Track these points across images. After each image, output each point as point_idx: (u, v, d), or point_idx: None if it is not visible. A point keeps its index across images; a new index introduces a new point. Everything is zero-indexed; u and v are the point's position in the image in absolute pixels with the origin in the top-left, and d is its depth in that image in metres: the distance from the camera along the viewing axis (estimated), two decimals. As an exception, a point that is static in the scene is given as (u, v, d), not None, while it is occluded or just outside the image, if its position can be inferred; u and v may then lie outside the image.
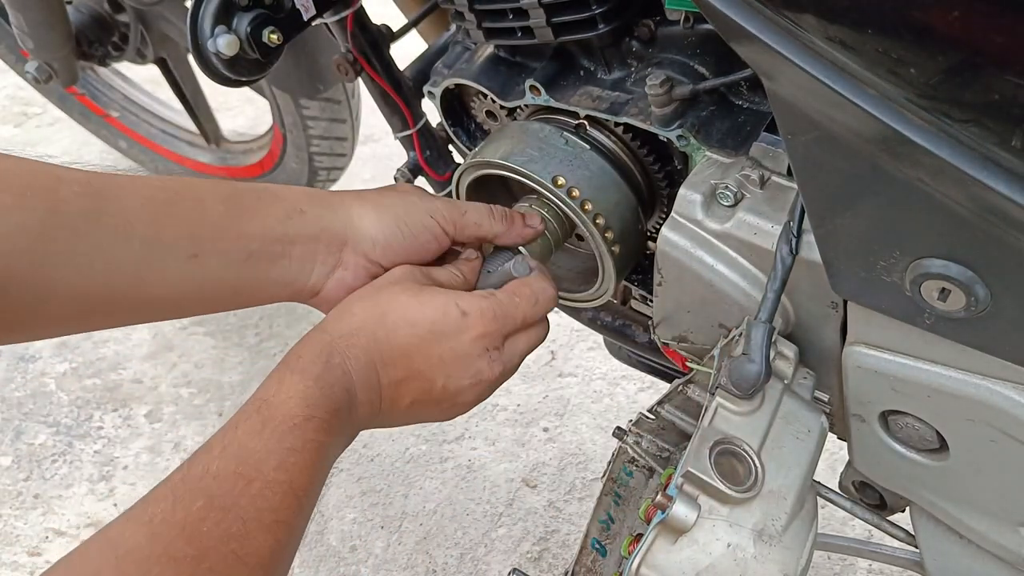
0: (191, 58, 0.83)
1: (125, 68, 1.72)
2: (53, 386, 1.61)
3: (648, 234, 0.81)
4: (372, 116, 1.28)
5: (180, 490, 0.47)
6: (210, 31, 0.70)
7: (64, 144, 2.07)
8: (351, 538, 1.32)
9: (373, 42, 0.90)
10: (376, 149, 2.00)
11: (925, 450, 0.62)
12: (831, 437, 0.67)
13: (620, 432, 0.73)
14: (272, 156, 1.64)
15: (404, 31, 0.95)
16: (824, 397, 0.69)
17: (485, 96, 0.81)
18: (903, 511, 0.75)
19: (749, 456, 0.55)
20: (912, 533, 0.73)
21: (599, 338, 1.04)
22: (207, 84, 1.52)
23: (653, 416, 0.72)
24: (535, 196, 0.75)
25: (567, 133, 0.73)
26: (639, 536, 0.57)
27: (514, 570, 0.75)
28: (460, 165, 0.80)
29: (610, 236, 0.72)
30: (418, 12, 0.95)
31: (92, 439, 1.52)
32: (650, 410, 0.72)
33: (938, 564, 0.72)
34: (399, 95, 0.92)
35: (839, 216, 0.50)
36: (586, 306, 0.85)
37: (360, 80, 0.93)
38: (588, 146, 0.73)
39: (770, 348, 0.56)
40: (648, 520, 0.56)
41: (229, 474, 0.48)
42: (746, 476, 0.54)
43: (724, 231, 0.62)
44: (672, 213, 0.65)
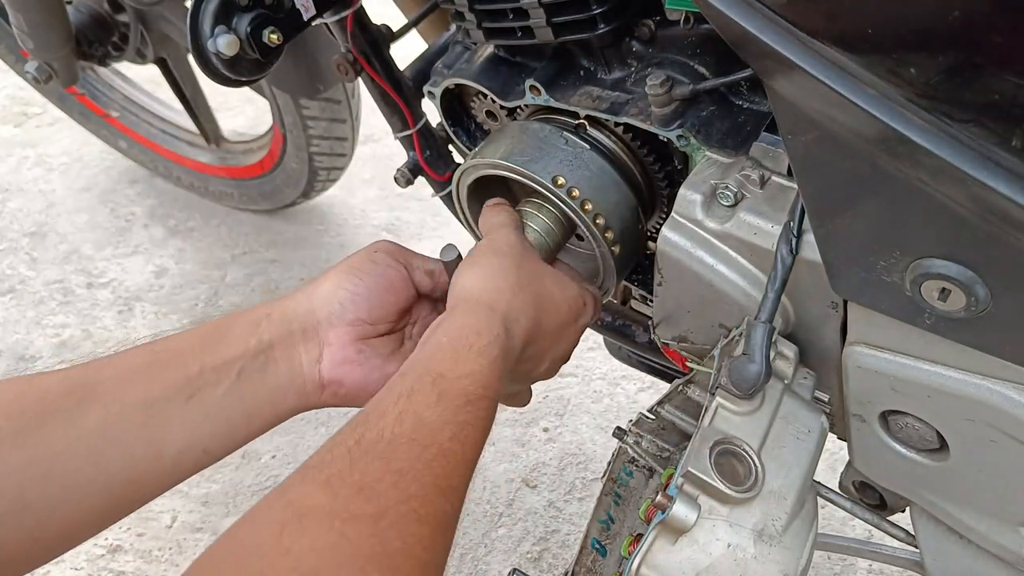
0: (191, 58, 0.83)
1: (125, 68, 1.72)
2: (53, 386, 1.61)
3: (648, 234, 0.81)
4: (372, 116, 1.28)
5: (356, 452, 0.48)
6: (210, 31, 0.70)
7: (64, 144, 2.07)
8: (351, 538, 1.32)
9: (373, 42, 0.90)
10: (376, 149, 2.00)
11: (925, 450, 0.62)
12: (831, 437, 0.67)
13: (620, 432, 0.73)
14: (272, 156, 1.64)
15: (404, 31, 0.95)
16: (824, 397, 0.69)
17: (485, 96, 0.81)
18: (903, 511, 0.75)
19: (749, 456, 0.55)
20: (912, 533, 0.73)
21: (599, 338, 1.04)
22: (207, 84, 1.52)
23: (653, 416, 0.72)
24: (535, 196, 0.75)
25: (567, 133, 0.73)
26: (639, 536, 0.57)
27: (514, 570, 0.75)
28: (460, 165, 0.79)
29: (610, 236, 0.72)
30: (418, 12, 0.95)
31: (92, 439, 1.52)
32: (650, 410, 0.72)
33: (938, 564, 0.72)
34: (399, 95, 0.92)
35: (839, 216, 0.50)
36: (586, 306, 0.85)
37: (360, 80, 0.92)
38: (588, 146, 0.73)
39: (770, 348, 0.56)
40: (648, 520, 0.56)
41: (405, 440, 0.49)
42: (746, 476, 0.54)
43: (724, 231, 0.62)
44: (672, 213, 0.65)
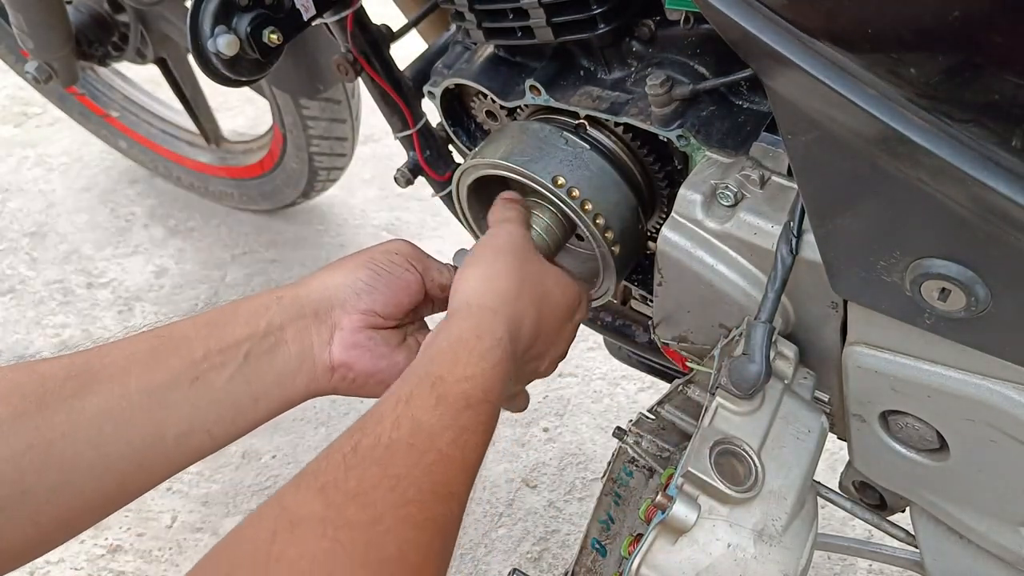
0: (191, 58, 0.83)
1: (125, 68, 1.72)
2: (53, 386, 1.61)
3: (648, 234, 0.81)
4: (372, 116, 1.28)
5: (352, 460, 0.47)
6: (210, 31, 0.70)
7: (64, 144, 2.07)
8: (351, 538, 1.32)
9: (373, 42, 0.90)
10: (376, 149, 2.00)
11: (925, 450, 0.62)
12: (831, 437, 0.67)
13: (620, 432, 0.73)
14: (272, 156, 1.64)
15: (404, 31, 0.95)
16: (824, 397, 0.69)
17: (485, 96, 0.81)
18: (903, 511, 0.75)
19: (749, 456, 0.55)
20: (912, 533, 0.73)
21: (599, 338, 1.04)
22: (207, 84, 1.52)
23: (653, 416, 0.72)
24: (535, 196, 0.75)
25: (567, 133, 0.73)
26: (639, 536, 0.57)
27: (514, 570, 0.75)
28: (460, 165, 0.79)
29: (610, 236, 0.72)
30: (418, 12, 0.95)
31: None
32: (650, 410, 0.72)
33: (938, 564, 0.72)
34: (399, 95, 0.92)
35: (839, 216, 0.50)
36: (586, 306, 0.85)
37: (360, 80, 0.92)
38: (588, 146, 0.73)
39: (770, 348, 0.56)
40: (648, 520, 0.56)
41: (402, 445, 0.48)
42: (746, 476, 0.54)
43: (724, 231, 0.62)
44: (672, 213, 0.65)
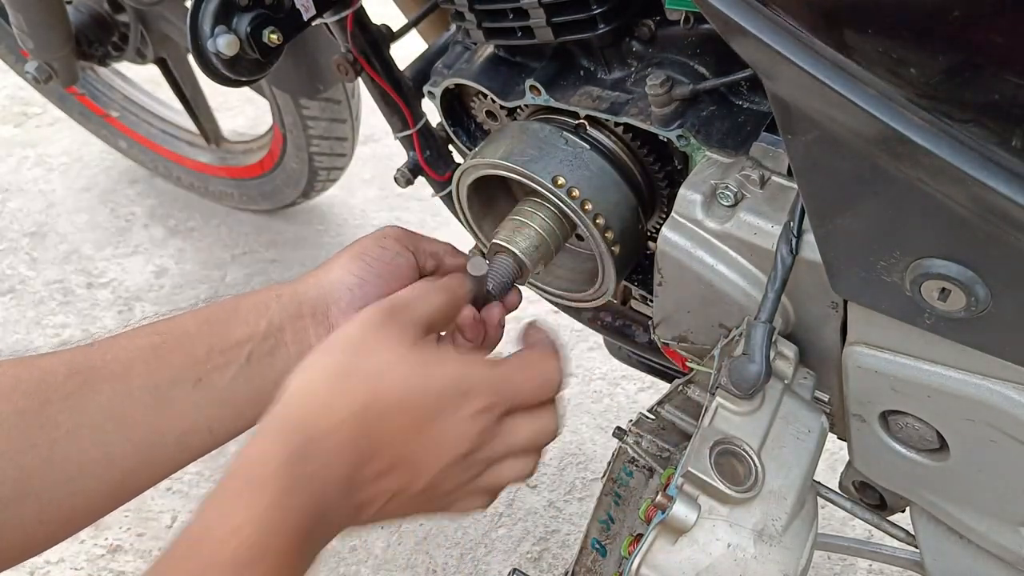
0: (191, 58, 0.83)
1: (125, 68, 1.72)
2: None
3: (648, 234, 0.81)
4: (372, 116, 1.28)
5: None
6: (210, 31, 0.70)
7: (64, 144, 2.07)
8: (351, 538, 1.32)
9: (373, 42, 0.90)
10: (376, 149, 2.00)
11: (925, 450, 0.62)
12: (831, 437, 0.67)
13: (620, 432, 0.73)
14: (272, 156, 1.64)
15: (404, 31, 0.95)
16: (824, 397, 0.69)
17: (485, 96, 0.81)
18: (903, 511, 0.75)
19: (749, 456, 0.55)
20: (912, 533, 0.73)
21: (599, 338, 1.04)
22: (207, 84, 1.52)
23: (653, 416, 0.72)
24: (535, 196, 0.75)
25: (567, 133, 0.73)
26: (639, 536, 0.57)
27: (514, 570, 0.75)
28: (460, 165, 0.79)
29: (610, 236, 0.72)
30: (418, 12, 0.95)
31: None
32: (650, 410, 0.72)
33: (938, 564, 0.72)
34: (399, 95, 0.92)
35: (839, 216, 0.50)
36: (586, 306, 0.85)
37: (360, 80, 0.92)
38: (588, 146, 0.73)
39: (770, 348, 0.56)
40: (648, 520, 0.56)
41: None
42: (746, 476, 0.54)
43: (724, 231, 0.62)
44: (672, 213, 0.65)
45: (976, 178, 0.40)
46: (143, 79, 1.87)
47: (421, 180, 0.98)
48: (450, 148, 0.97)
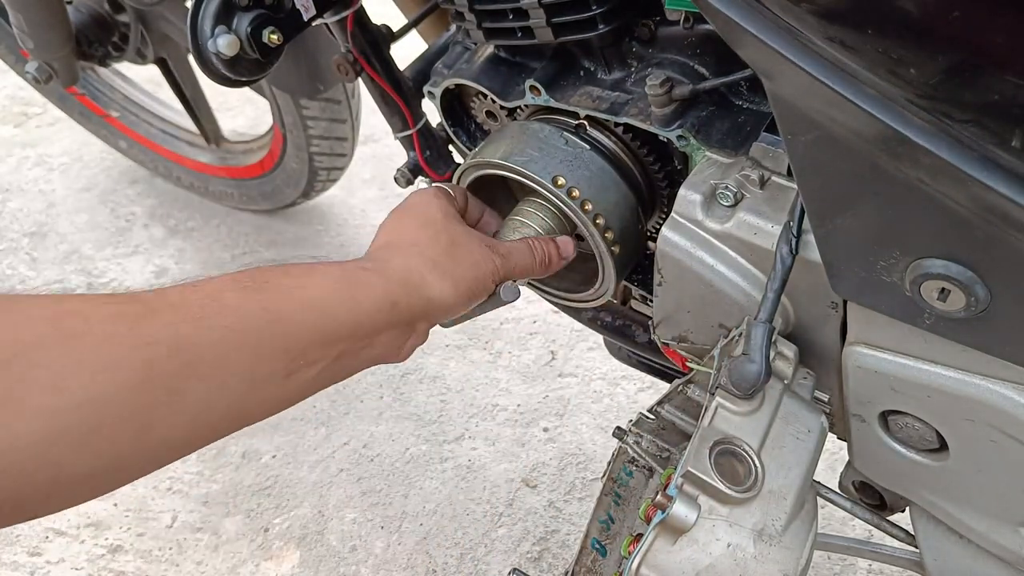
0: (191, 58, 0.83)
1: (125, 68, 1.72)
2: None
3: (648, 234, 0.81)
4: (372, 116, 1.28)
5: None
6: (210, 31, 0.70)
7: (64, 144, 2.07)
8: (351, 538, 1.32)
9: (373, 42, 0.90)
10: (376, 149, 2.00)
11: (925, 450, 0.62)
12: (831, 437, 0.67)
13: (620, 432, 0.73)
14: (272, 156, 1.64)
15: (404, 31, 0.95)
16: (824, 397, 0.69)
17: (485, 96, 0.81)
18: (903, 511, 0.75)
19: (749, 456, 0.55)
20: (912, 533, 0.73)
21: (599, 338, 1.04)
22: (207, 84, 1.52)
23: (653, 416, 0.72)
24: (535, 196, 0.75)
25: (567, 133, 0.73)
26: (639, 536, 0.57)
27: (514, 570, 0.75)
28: (460, 165, 0.80)
29: (610, 236, 0.72)
30: (418, 12, 0.95)
31: (92, 439, 1.52)
32: (650, 410, 0.72)
33: (938, 564, 0.72)
34: (399, 95, 0.92)
35: (839, 216, 0.50)
36: (586, 306, 0.85)
37: (360, 80, 0.93)
38: (588, 146, 0.73)
39: (770, 348, 0.56)
40: (648, 520, 0.56)
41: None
42: (746, 476, 0.54)
43: (724, 231, 0.62)
44: (672, 213, 0.65)
45: (976, 178, 0.40)
46: (143, 79, 1.87)
47: (421, 180, 0.98)
48: (450, 148, 0.97)
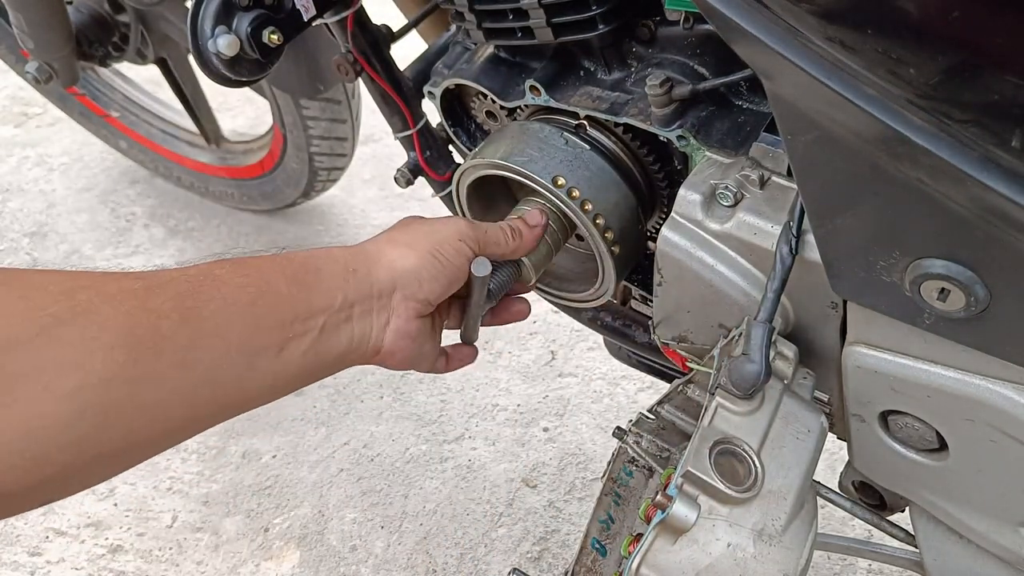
0: (191, 58, 0.83)
1: (125, 68, 1.72)
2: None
3: (648, 234, 0.81)
4: (372, 116, 1.28)
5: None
6: (210, 31, 0.70)
7: (64, 144, 2.07)
8: (351, 538, 1.32)
9: (373, 42, 0.90)
10: (376, 149, 2.00)
11: (925, 450, 0.62)
12: (831, 437, 0.67)
13: (620, 432, 0.73)
14: (272, 156, 1.64)
15: (404, 31, 0.95)
16: (824, 397, 0.69)
17: (485, 96, 0.81)
18: (903, 511, 0.75)
19: (749, 456, 0.55)
20: (912, 533, 0.73)
21: (599, 338, 1.04)
22: (207, 84, 1.52)
23: (653, 416, 0.72)
24: (535, 196, 0.75)
25: (567, 133, 0.73)
26: (639, 536, 0.57)
27: (514, 570, 0.75)
28: (460, 165, 0.80)
29: (610, 236, 0.72)
30: (418, 12, 0.95)
31: (92, 439, 1.52)
32: (650, 410, 0.72)
33: (938, 564, 0.72)
34: (399, 95, 0.92)
35: (839, 216, 0.50)
36: (586, 306, 0.85)
37: (360, 80, 0.93)
38: (588, 146, 0.73)
39: (770, 348, 0.56)
40: (648, 520, 0.56)
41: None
42: (746, 476, 0.54)
43: (724, 231, 0.62)
44: (672, 213, 0.65)
45: (976, 178, 0.40)
46: (143, 79, 1.87)
47: (421, 180, 0.98)
48: (450, 148, 0.97)
